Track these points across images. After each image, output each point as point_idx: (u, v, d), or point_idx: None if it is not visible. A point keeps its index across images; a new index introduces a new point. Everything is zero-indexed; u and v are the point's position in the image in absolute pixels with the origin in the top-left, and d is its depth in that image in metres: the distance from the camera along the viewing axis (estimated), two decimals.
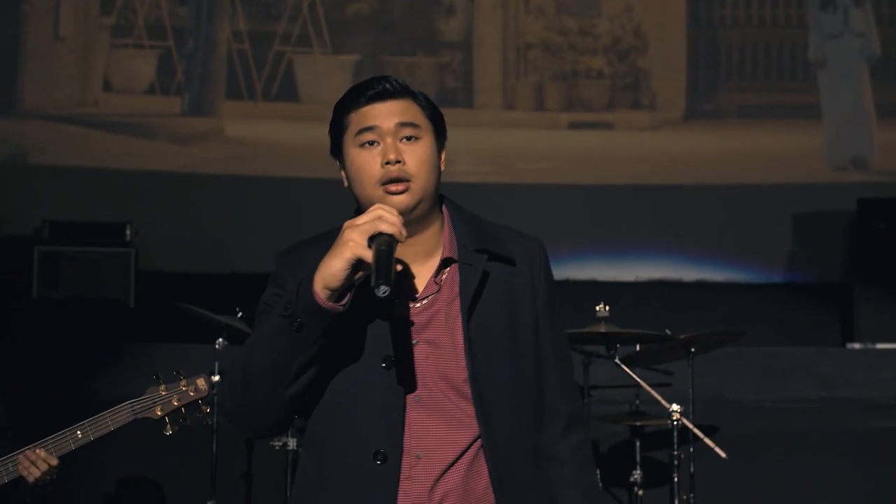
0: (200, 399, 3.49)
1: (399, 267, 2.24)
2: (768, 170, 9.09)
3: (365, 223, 2.19)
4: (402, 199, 2.32)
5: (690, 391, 4.96)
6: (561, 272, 8.91)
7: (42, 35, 9.14)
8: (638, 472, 5.38)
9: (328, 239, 2.32)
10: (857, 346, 7.45)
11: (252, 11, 9.36)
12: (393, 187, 2.33)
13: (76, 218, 8.13)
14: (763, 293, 8.51)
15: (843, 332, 7.81)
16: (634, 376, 4.73)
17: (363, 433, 2.28)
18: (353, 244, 2.18)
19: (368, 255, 2.16)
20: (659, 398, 4.60)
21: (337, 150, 2.43)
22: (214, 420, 4.83)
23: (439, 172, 2.40)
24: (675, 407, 4.64)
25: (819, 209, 8.85)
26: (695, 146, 9.33)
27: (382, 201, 2.28)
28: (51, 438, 3.42)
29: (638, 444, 5.44)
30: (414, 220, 2.34)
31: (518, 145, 9.37)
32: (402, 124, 2.36)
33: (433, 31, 9.47)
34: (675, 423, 4.70)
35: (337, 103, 2.43)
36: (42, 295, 7.80)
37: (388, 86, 2.39)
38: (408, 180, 2.33)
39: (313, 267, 2.24)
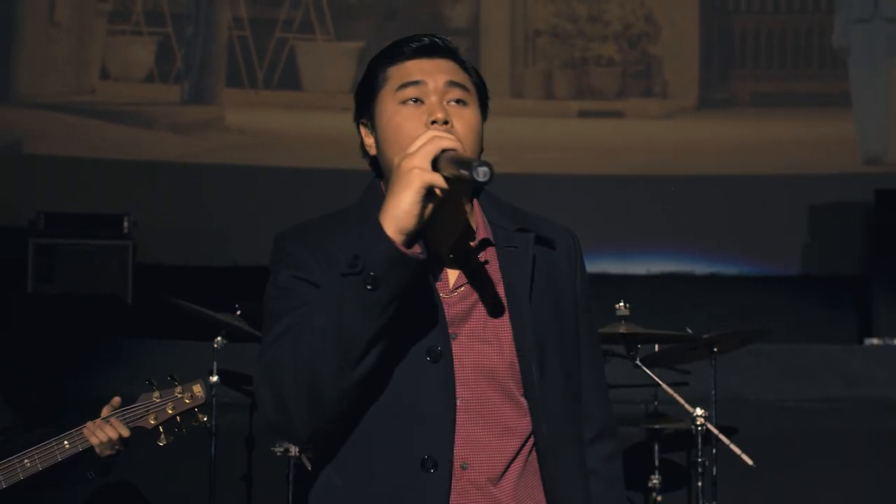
0: (197, 407, 3.26)
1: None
2: (783, 160, 9.05)
3: (423, 146, 1.92)
4: None
5: (713, 393, 4.74)
6: None
7: (37, 20, 9.08)
8: (656, 476, 5.22)
9: (346, 215, 2.09)
10: (875, 341, 7.39)
11: None
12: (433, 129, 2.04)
13: (72, 209, 8.08)
14: (777, 287, 8.49)
15: (860, 326, 7.72)
16: (657, 379, 4.52)
17: (406, 436, 1.99)
18: (419, 171, 1.91)
19: (439, 179, 1.90)
20: (682, 402, 4.38)
21: (364, 112, 2.15)
22: (213, 422, 4.63)
23: (482, 149, 2.12)
24: (699, 411, 4.42)
25: (836, 200, 8.78)
26: (708, 135, 9.30)
27: None
28: (35, 449, 3.20)
29: (656, 447, 5.28)
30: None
31: (526, 134, 9.32)
32: (453, 84, 2.09)
33: (439, 17, 9.43)
34: (700, 427, 4.50)
35: (373, 59, 2.15)
36: (37, 289, 7.75)
37: (437, 41, 2.12)
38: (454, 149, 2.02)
39: (333, 243, 2.01)
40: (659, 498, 5.20)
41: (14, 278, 7.71)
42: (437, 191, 1.91)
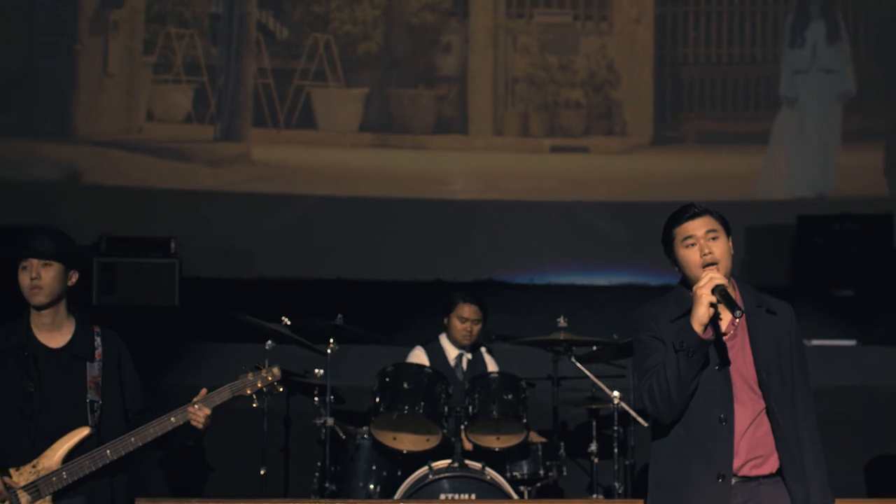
0: (276, 381, 4.41)
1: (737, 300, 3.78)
2: (724, 188, 9.67)
3: (706, 283, 3.63)
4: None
5: (631, 381, 6.19)
6: (543, 278, 9.77)
7: (93, 72, 9.77)
8: (594, 444, 6.39)
9: (666, 300, 3.82)
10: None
11: (275, 51, 10.01)
12: (708, 269, 3.73)
13: (125, 232, 8.86)
14: None
15: None
16: (586, 371, 5.96)
17: (710, 407, 3.70)
18: (705, 296, 3.61)
19: (714, 299, 3.60)
20: (603, 387, 5.86)
21: (668, 251, 3.87)
22: (265, 404, 5.87)
23: (731, 256, 3.83)
24: (615, 393, 5.91)
25: (767, 223, 9.59)
26: (660, 168, 9.92)
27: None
28: (156, 421, 4.26)
29: (594, 423, 6.47)
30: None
31: (506, 167, 9.96)
32: (709, 231, 3.80)
33: (432, 67, 10.07)
34: (616, 405, 5.96)
35: (667, 222, 3.88)
36: (101, 301, 8.59)
37: (696, 210, 3.85)
38: (716, 263, 3.74)
39: (661, 317, 3.75)
40: (596, 460, 6.37)
41: (81, 292, 8.66)
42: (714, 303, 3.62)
